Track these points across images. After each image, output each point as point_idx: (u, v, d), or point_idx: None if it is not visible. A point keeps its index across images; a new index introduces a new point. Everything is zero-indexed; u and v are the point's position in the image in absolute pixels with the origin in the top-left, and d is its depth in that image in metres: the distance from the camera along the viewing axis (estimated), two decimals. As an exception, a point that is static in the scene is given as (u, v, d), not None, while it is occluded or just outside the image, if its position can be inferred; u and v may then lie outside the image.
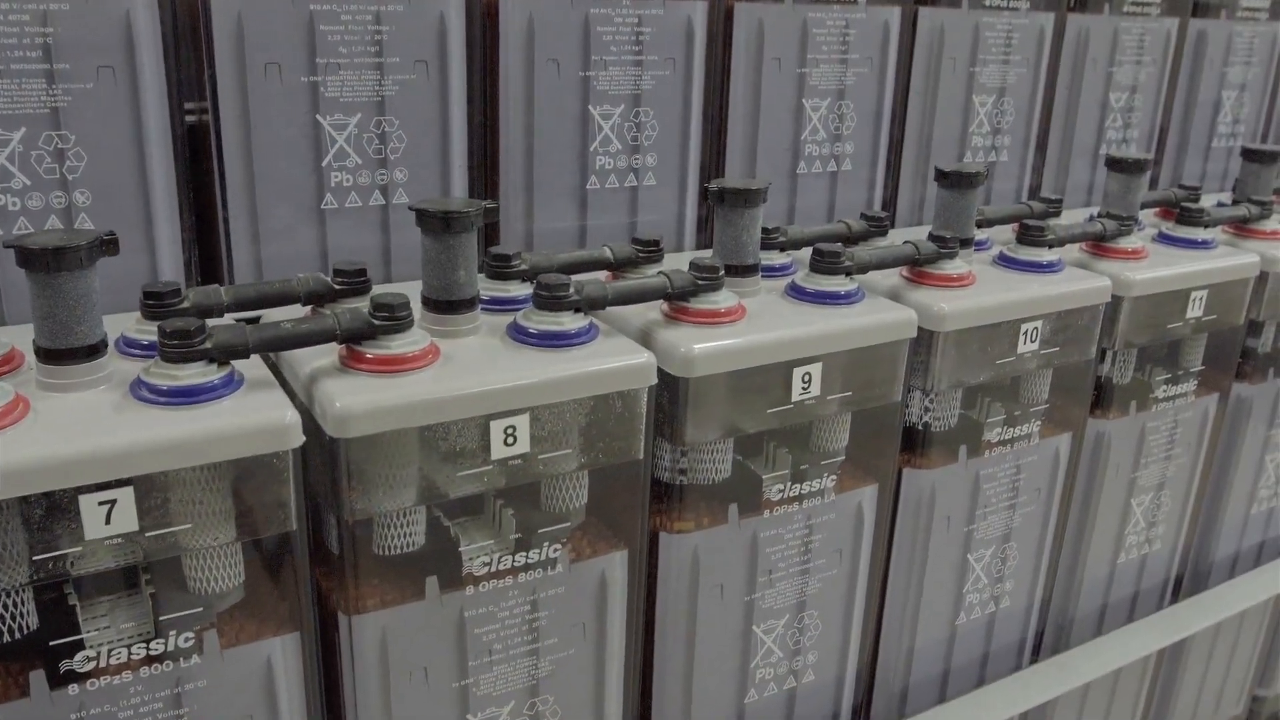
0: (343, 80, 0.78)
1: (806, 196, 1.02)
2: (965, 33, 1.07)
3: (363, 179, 0.81)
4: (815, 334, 0.73)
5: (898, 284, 0.83)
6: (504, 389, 0.62)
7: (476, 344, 0.67)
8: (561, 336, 0.66)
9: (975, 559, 0.91)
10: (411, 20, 0.79)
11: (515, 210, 0.88)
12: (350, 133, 0.79)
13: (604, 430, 0.67)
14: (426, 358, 0.63)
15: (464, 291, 0.67)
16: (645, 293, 0.71)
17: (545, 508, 0.70)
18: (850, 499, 0.81)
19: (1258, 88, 1.34)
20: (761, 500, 0.77)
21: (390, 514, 0.63)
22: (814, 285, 0.77)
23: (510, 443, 0.63)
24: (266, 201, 0.78)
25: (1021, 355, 0.85)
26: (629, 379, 0.66)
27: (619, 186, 0.91)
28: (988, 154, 1.13)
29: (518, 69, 0.85)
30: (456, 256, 0.66)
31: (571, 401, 0.65)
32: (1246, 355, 1.07)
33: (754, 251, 0.77)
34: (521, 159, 0.87)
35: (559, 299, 0.67)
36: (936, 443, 0.85)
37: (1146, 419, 0.99)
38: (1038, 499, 0.94)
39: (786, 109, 0.98)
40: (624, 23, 0.87)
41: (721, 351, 0.69)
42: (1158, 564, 1.09)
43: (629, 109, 0.90)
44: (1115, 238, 0.94)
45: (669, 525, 0.74)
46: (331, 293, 0.69)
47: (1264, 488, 1.16)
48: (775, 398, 0.73)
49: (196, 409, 0.56)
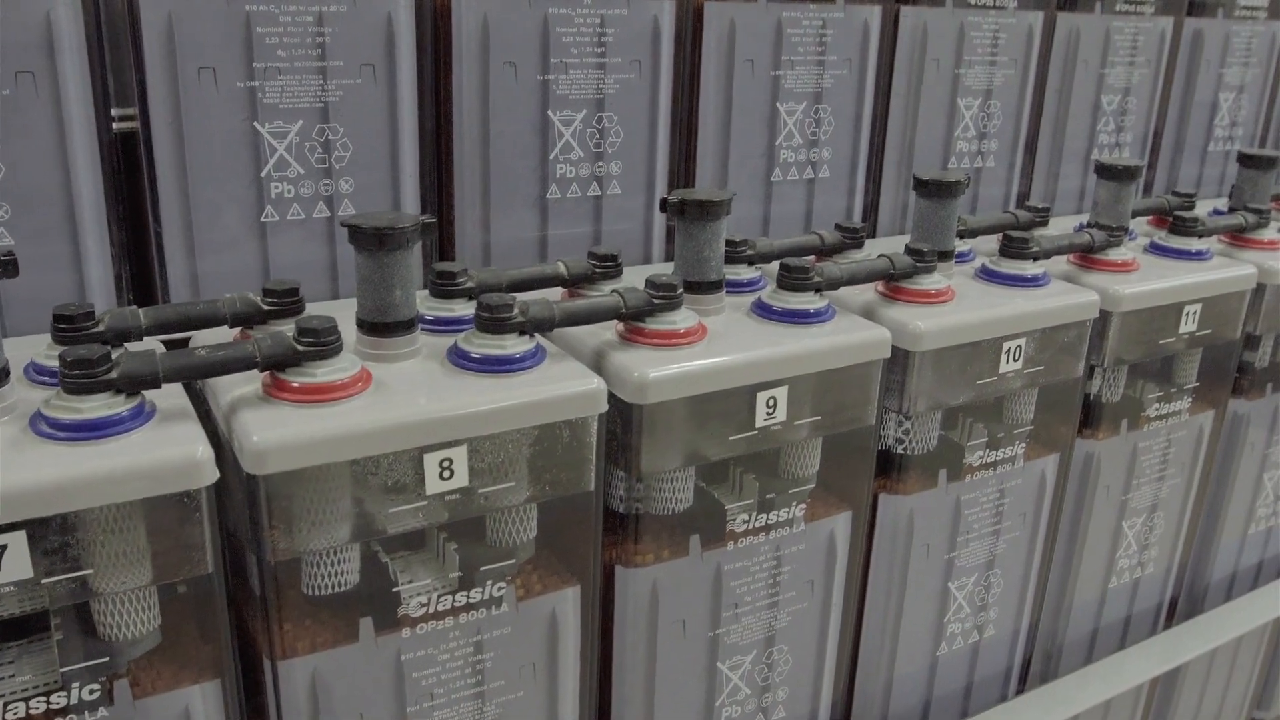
0: (283, 85, 0.73)
1: (782, 205, 0.97)
2: (949, 33, 1.02)
3: (305, 190, 0.76)
4: (780, 355, 0.68)
5: (872, 300, 0.78)
6: (437, 419, 0.58)
7: (414, 369, 0.62)
8: (505, 361, 0.62)
9: (957, 587, 0.87)
10: (356, 21, 0.75)
11: (471, 221, 0.84)
12: (291, 141, 0.75)
13: (551, 461, 0.62)
14: (356, 386, 0.58)
15: (400, 313, 0.62)
16: (597, 313, 0.66)
17: (491, 542, 0.65)
18: (821, 528, 0.77)
19: (1256, 89, 1.29)
20: (726, 531, 0.72)
21: (318, 553, 0.59)
22: (781, 303, 0.72)
23: (446, 477, 0.59)
24: (202, 214, 0.74)
25: (1004, 375, 0.80)
26: (577, 407, 0.62)
27: (581, 196, 0.87)
28: (974, 159, 1.08)
29: (472, 73, 0.80)
30: (391, 275, 0.61)
31: (514, 431, 0.60)
32: (1243, 370, 1.02)
33: (717, 267, 0.72)
34: (477, 168, 0.82)
35: (502, 320, 0.62)
36: (914, 467, 0.80)
37: (1138, 438, 0.95)
38: (1023, 523, 0.89)
39: (760, 113, 0.93)
40: (585, 23, 0.83)
41: (678, 376, 0.65)
42: (1151, 587, 1.04)
43: (591, 114, 0.85)
44: (1104, 249, 0.89)
45: (626, 559, 0.70)
46: (261, 314, 0.64)
47: (1262, 506, 1.12)
48: (738, 423, 0.68)
49: (100, 444, 0.52)
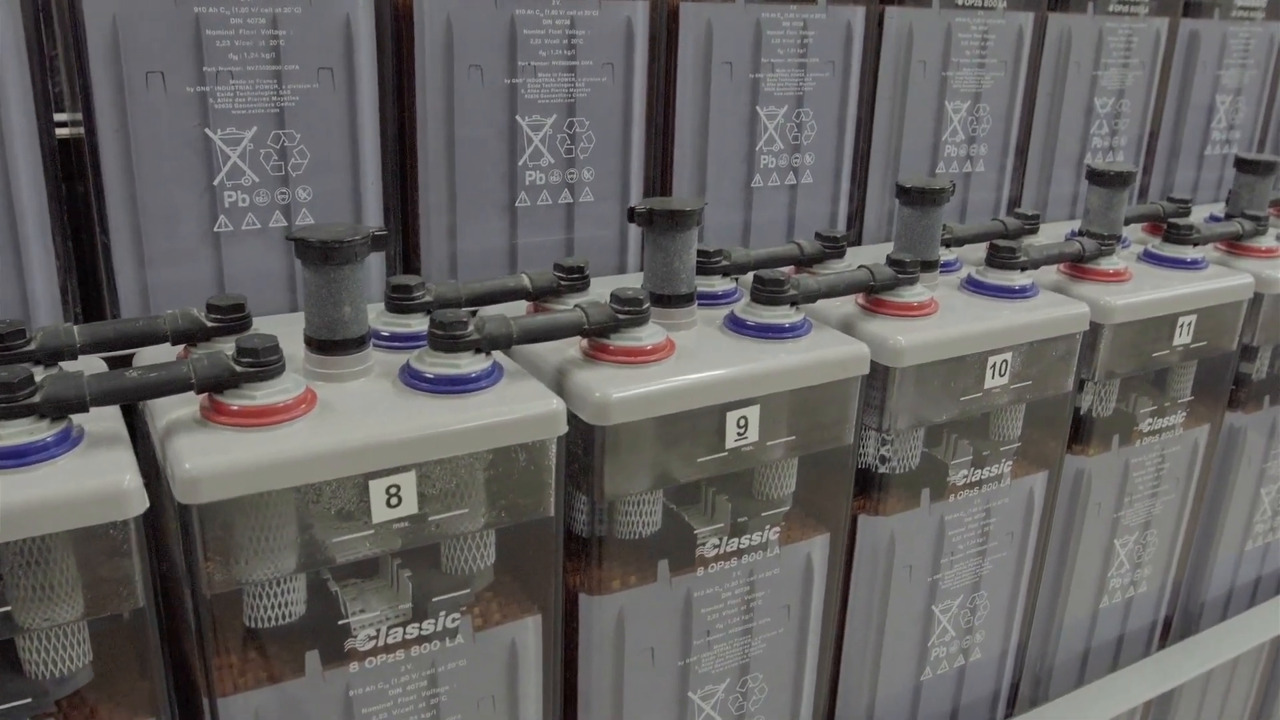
0: (235, 90, 0.70)
1: (763, 212, 0.94)
2: (936, 34, 0.99)
3: (261, 199, 0.73)
4: (751, 373, 0.65)
5: (851, 313, 0.75)
6: (383, 444, 0.55)
7: (364, 389, 0.59)
8: (459, 381, 0.59)
9: (941, 610, 0.84)
10: (312, 24, 0.72)
11: (437, 230, 0.81)
12: (245, 148, 0.72)
13: (508, 485, 0.59)
14: (299, 408, 0.55)
15: (350, 330, 0.59)
16: (558, 329, 0.63)
17: (446, 570, 0.62)
18: (798, 551, 0.74)
19: (1254, 92, 1.26)
20: (695, 555, 0.69)
21: (260, 584, 0.56)
22: (754, 317, 0.69)
23: (394, 504, 0.56)
24: (152, 224, 0.71)
25: (990, 390, 0.77)
26: (534, 429, 0.59)
27: (552, 203, 0.84)
28: (962, 164, 1.05)
29: (436, 76, 0.77)
30: (340, 291, 0.58)
31: (467, 456, 0.57)
32: (1239, 382, 0.99)
33: (687, 280, 0.69)
34: (443, 175, 0.79)
35: (456, 338, 0.59)
36: (896, 486, 0.77)
37: (1130, 454, 0.92)
38: (1011, 543, 0.86)
39: (739, 118, 0.90)
40: (554, 25, 0.80)
41: (641, 396, 0.61)
42: (1144, 606, 1.01)
43: (562, 119, 0.82)
44: (1095, 258, 0.86)
45: (590, 585, 0.67)
46: (205, 330, 0.61)
47: (1259, 522, 1.08)
48: (707, 444, 0.65)
49: (21, 473, 0.49)
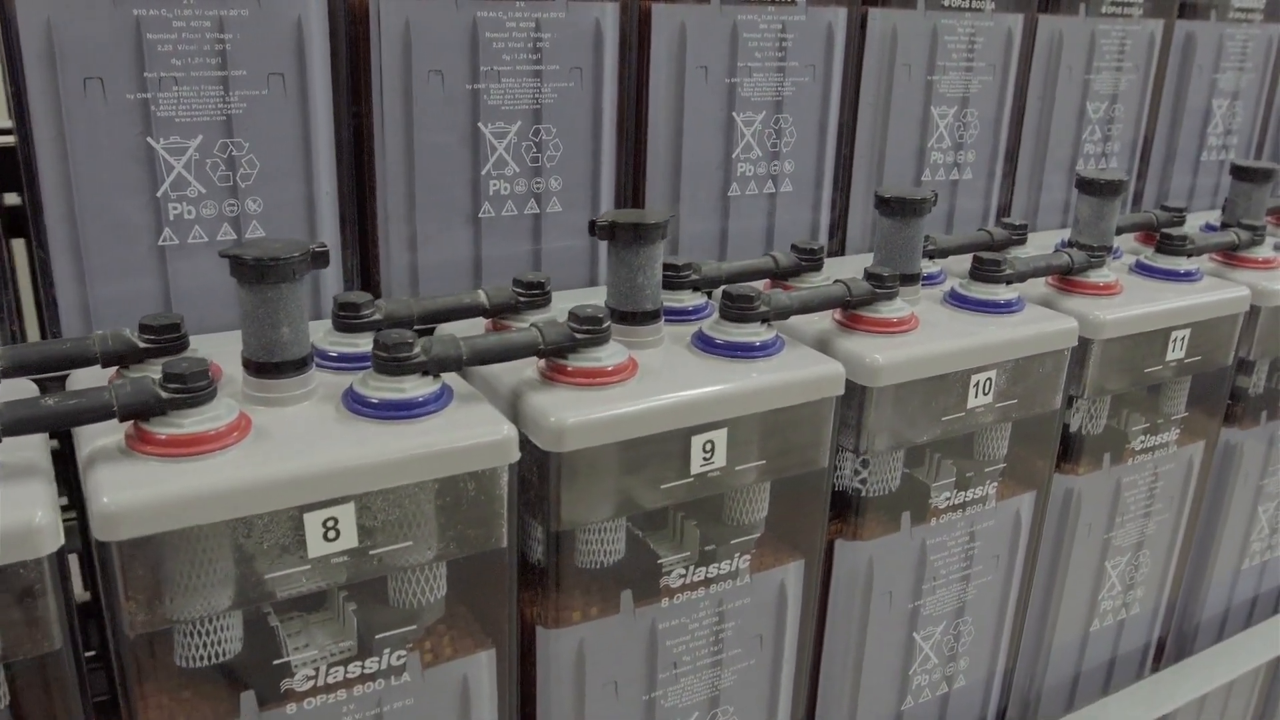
0: (179, 97, 0.67)
1: (741, 221, 0.91)
2: (921, 36, 0.95)
3: (208, 210, 0.70)
4: (718, 395, 0.62)
5: (828, 330, 0.72)
6: (318, 474, 0.51)
7: (305, 415, 0.56)
8: (404, 406, 0.56)
9: (923, 637, 0.80)
10: (261, 27, 0.68)
11: (397, 242, 0.77)
12: (191, 157, 0.68)
13: (457, 516, 0.56)
14: (230, 436, 0.52)
15: (288, 352, 0.56)
16: (511, 350, 0.60)
17: (394, 604, 0.59)
18: (770, 579, 0.70)
19: (1251, 96, 1.22)
20: (660, 585, 0.66)
21: (189, 623, 0.53)
22: (723, 335, 0.66)
23: (332, 538, 0.53)
24: (93, 238, 0.67)
25: (973, 410, 0.74)
26: (484, 457, 0.55)
27: (518, 213, 0.80)
28: (949, 171, 1.02)
29: (394, 81, 0.74)
30: (277, 311, 0.55)
31: (410, 486, 0.54)
32: (1235, 397, 0.95)
33: (653, 296, 0.66)
34: (402, 184, 0.76)
35: (401, 360, 0.56)
36: (874, 510, 0.74)
37: (1122, 473, 0.88)
38: (996, 567, 0.82)
39: (715, 124, 0.87)
40: (519, 28, 0.76)
41: (599, 421, 0.58)
42: (1137, 628, 0.98)
43: (528, 126, 0.79)
44: (1084, 271, 0.83)
45: (547, 617, 0.63)
46: (136, 352, 0.58)
47: (1256, 540, 1.05)
48: (671, 471, 0.62)
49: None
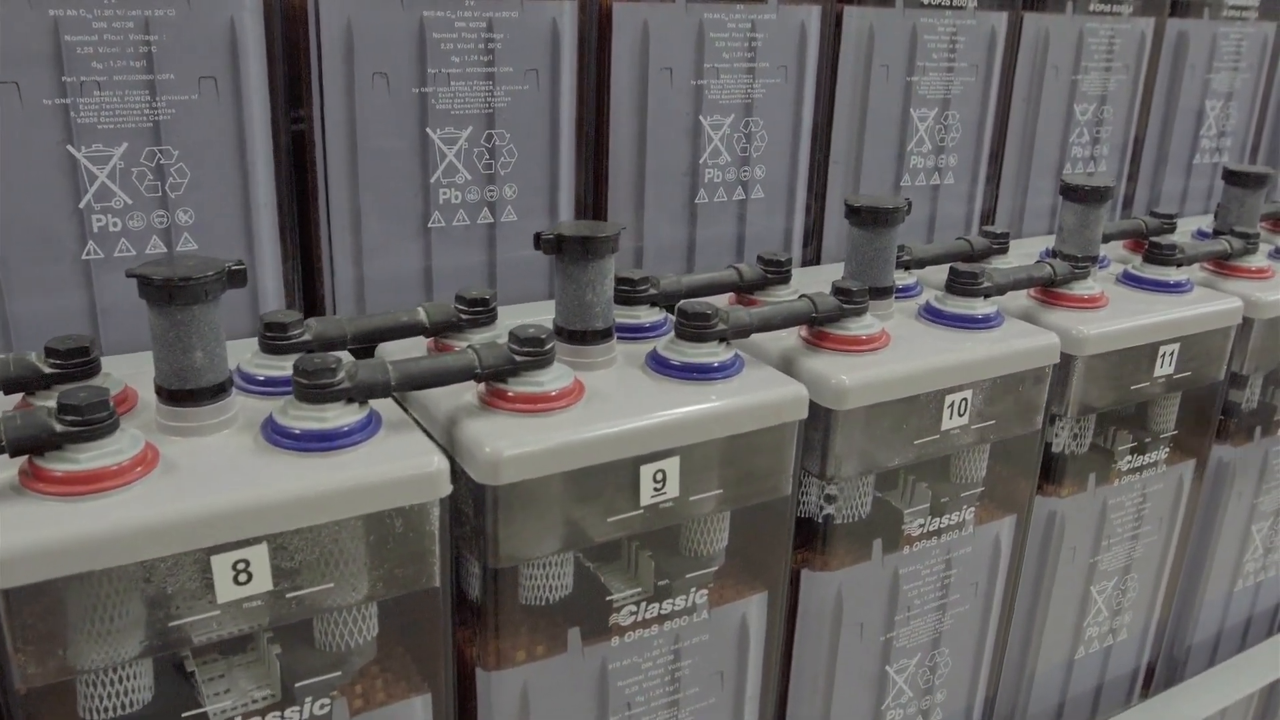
0: (102, 102, 0.63)
1: (709, 229, 0.87)
2: (900, 35, 0.91)
3: (135, 222, 0.66)
4: (668, 422, 0.58)
5: (793, 348, 0.68)
6: (227, 514, 0.47)
7: (220, 446, 0.52)
8: (327, 437, 0.52)
9: (897, 670, 0.76)
10: (190, 28, 0.64)
11: (341, 255, 0.73)
12: (115, 167, 0.64)
13: (384, 555, 0.52)
14: (134, 471, 0.48)
15: (202, 378, 0.52)
16: (446, 374, 0.56)
17: (321, 648, 0.55)
18: (730, 613, 0.66)
19: (1246, 96, 1.18)
20: (611, 623, 0.62)
21: (91, 673, 0.49)
22: (678, 355, 0.62)
23: (244, 580, 0.49)
24: (12, 251, 0.64)
25: (948, 432, 0.70)
26: (411, 492, 0.51)
27: (470, 223, 0.76)
28: (930, 176, 0.98)
29: (335, 85, 0.70)
30: (189, 334, 0.51)
31: (330, 524, 0.50)
32: (1228, 412, 0.91)
33: (603, 313, 0.62)
34: (346, 194, 0.72)
35: (323, 387, 0.52)
36: (842, 538, 0.70)
37: (1108, 494, 0.84)
38: (975, 595, 0.79)
39: (681, 128, 0.83)
40: (469, 28, 0.72)
41: (538, 452, 0.54)
42: (1124, 655, 0.94)
43: (479, 131, 0.75)
44: (1068, 282, 0.79)
45: (488, 659, 0.59)
46: (42, 378, 0.54)
47: (1250, 561, 1.01)
48: (618, 502, 0.58)
49: None
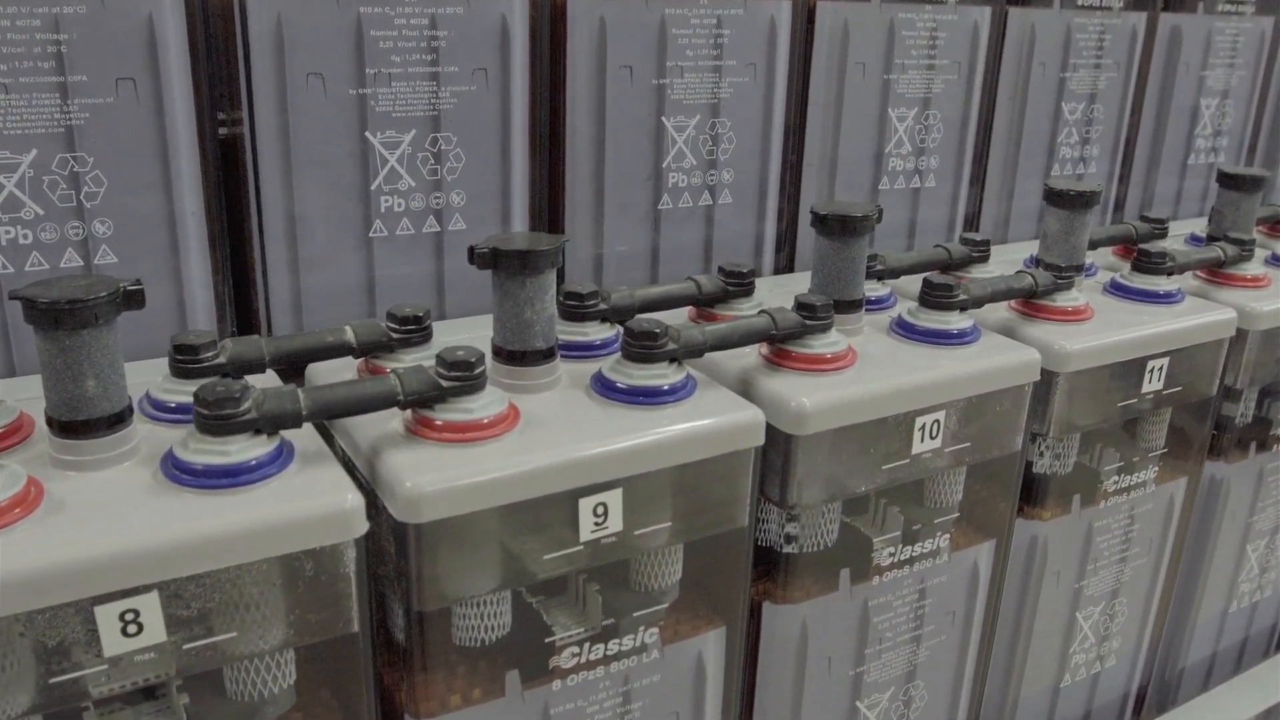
0: (7, 106, 0.59)
1: (674, 237, 0.82)
2: (877, 32, 0.87)
3: (47, 234, 0.62)
4: (609, 453, 0.53)
5: (752, 367, 0.64)
6: (109, 561, 0.43)
7: (115, 482, 0.48)
8: (230, 473, 0.47)
9: (868, 705, 0.72)
10: (104, 25, 0.60)
11: (277, 266, 0.69)
12: (24, 175, 0.60)
13: (295, 600, 0.48)
14: (15, 511, 0.44)
15: (95, 408, 0.48)
16: (364, 402, 0.51)
17: (233, 697, 0.51)
18: (685, 650, 0.62)
19: (1242, 94, 1.13)
20: (552, 666, 0.58)
21: (-33, 731, 0.45)
22: (624, 378, 0.58)
23: (133, 632, 0.45)
24: (-87, 265, 0.60)
25: (919, 456, 0.65)
26: (322, 532, 0.47)
27: (415, 232, 0.72)
28: (909, 178, 0.93)
29: (266, 85, 0.65)
30: (79, 361, 0.47)
31: (229, 570, 0.46)
32: (1221, 427, 0.87)
33: (543, 332, 0.58)
34: (280, 201, 0.68)
35: (225, 419, 0.48)
36: (807, 568, 0.66)
37: (1094, 516, 0.80)
38: (952, 624, 0.74)
39: (642, 130, 0.79)
40: (410, 25, 0.68)
41: (464, 487, 0.50)
42: (1113, 681, 0.90)
43: (423, 134, 0.70)
44: (1050, 294, 0.74)
45: (417, 707, 0.55)
46: (-74, 406, 0.50)
47: (1245, 581, 0.97)
48: (555, 538, 0.54)
49: None
